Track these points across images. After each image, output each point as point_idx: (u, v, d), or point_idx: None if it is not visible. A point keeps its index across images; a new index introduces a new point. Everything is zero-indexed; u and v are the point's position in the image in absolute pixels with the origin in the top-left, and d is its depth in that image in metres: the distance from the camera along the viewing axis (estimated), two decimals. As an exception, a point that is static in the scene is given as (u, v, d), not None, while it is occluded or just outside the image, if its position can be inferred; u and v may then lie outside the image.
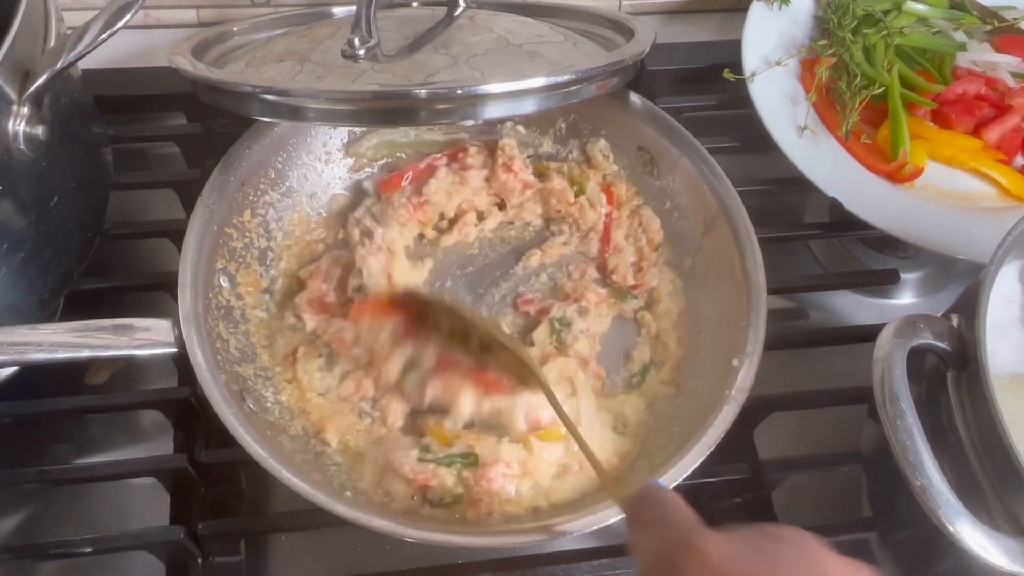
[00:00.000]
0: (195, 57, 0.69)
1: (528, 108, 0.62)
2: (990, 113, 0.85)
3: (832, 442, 0.70)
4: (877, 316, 0.78)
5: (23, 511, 0.66)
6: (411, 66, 0.65)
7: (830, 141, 0.82)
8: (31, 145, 0.58)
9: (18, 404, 0.65)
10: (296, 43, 0.71)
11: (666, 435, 0.64)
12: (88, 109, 0.71)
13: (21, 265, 0.61)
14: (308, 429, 0.65)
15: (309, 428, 0.65)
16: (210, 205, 0.68)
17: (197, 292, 0.64)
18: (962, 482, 0.53)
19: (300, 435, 0.64)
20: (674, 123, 0.76)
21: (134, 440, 0.69)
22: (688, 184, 0.74)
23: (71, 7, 0.84)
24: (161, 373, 0.71)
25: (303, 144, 0.76)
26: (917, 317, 0.56)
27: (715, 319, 0.69)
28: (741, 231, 0.69)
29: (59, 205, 0.63)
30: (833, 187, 0.77)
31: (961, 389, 0.55)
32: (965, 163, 0.83)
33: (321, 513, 0.55)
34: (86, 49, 0.58)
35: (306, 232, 0.75)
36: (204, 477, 0.64)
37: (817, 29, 0.90)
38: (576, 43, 0.74)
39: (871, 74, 0.83)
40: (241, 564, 0.62)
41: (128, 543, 0.61)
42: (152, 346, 0.60)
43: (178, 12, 0.91)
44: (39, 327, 0.59)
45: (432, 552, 0.62)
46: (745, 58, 0.82)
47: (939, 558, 0.59)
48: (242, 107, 0.63)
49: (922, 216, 0.78)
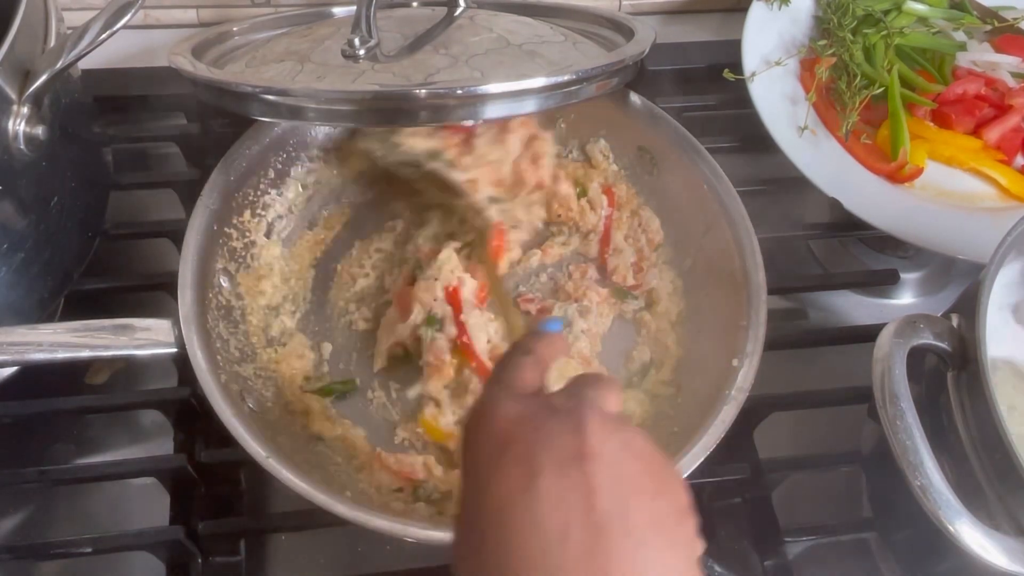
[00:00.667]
0: (195, 57, 0.69)
1: (528, 108, 0.62)
2: (990, 113, 0.85)
3: (832, 442, 0.70)
4: (877, 316, 0.78)
5: (23, 511, 0.66)
6: (411, 66, 0.65)
7: (830, 141, 0.82)
8: (31, 145, 0.58)
9: (18, 404, 0.65)
10: (296, 43, 0.71)
11: (666, 435, 0.64)
12: (88, 109, 0.71)
13: (21, 265, 0.61)
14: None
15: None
16: (210, 205, 0.68)
17: (197, 292, 0.64)
18: (962, 482, 0.53)
19: (300, 434, 0.64)
20: (674, 123, 0.76)
21: (134, 440, 0.69)
22: (688, 184, 0.74)
23: (71, 7, 0.84)
24: (161, 373, 0.71)
25: (303, 144, 0.76)
26: (917, 317, 0.56)
27: (715, 319, 0.69)
28: (741, 231, 0.69)
29: (59, 205, 0.63)
30: (833, 187, 0.77)
31: (961, 389, 0.55)
32: (965, 163, 0.83)
33: (321, 513, 0.55)
34: (86, 49, 0.58)
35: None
36: (204, 477, 0.64)
37: (817, 29, 0.90)
38: (576, 43, 0.74)
39: (871, 74, 0.83)
40: (241, 564, 0.62)
41: (128, 543, 0.61)
42: (152, 346, 0.60)
43: (178, 12, 0.91)
44: (39, 327, 0.59)
45: (432, 552, 0.61)
46: (745, 58, 0.82)
47: (939, 558, 0.59)
48: (242, 107, 0.63)
49: (922, 216, 0.78)
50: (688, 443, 0.59)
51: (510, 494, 0.35)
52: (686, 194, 0.75)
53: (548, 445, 0.36)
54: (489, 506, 0.35)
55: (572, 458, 0.35)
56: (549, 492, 0.35)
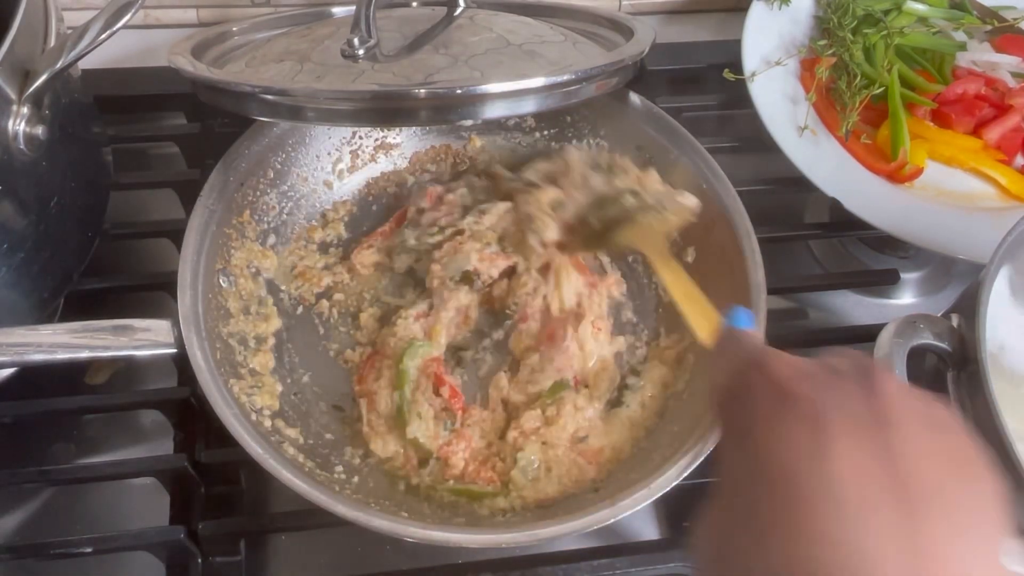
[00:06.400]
0: (195, 57, 0.69)
1: (528, 108, 0.62)
2: (990, 113, 0.85)
3: (832, 442, 0.70)
4: (877, 316, 0.78)
5: (23, 511, 0.66)
6: (411, 66, 0.65)
7: (830, 141, 0.82)
8: (31, 145, 0.58)
9: (18, 404, 0.65)
10: (296, 43, 0.71)
11: (666, 435, 0.64)
12: (88, 109, 0.71)
13: (21, 265, 0.61)
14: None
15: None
16: (210, 205, 0.68)
17: (197, 292, 0.64)
18: (962, 482, 0.53)
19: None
20: (674, 123, 0.76)
21: (134, 440, 0.69)
22: (688, 184, 0.74)
23: (71, 7, 0.84)
24: (161, 373, 0.71)
25: (303, 144, 0.76)
26: (917, 317, 0.56)
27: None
28: (741, 231, 0.69)
29: (59, 205, 0.63)
30: (833, 187, 0.77)
31: (961, 389, 0.55)
32: (965, 163, 0.83)
33: (321, 513, 0.55)
34: (86, 49, 0.58)
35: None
36: (204, 477, 0.63)
37: (817, 29, 0.90)
38: (576, 43, 0.74)
39: (871, 74, 0.83)
40: (241, 564, 0.62)
41: (128, 543, 0.61)
42: (152, 346, 0.60)
43: (178, 12, 0.91)
44: (39, 328, 0.59)
45: (432, 552, 0.62)
46: (745, 58, 0.82)
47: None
48: (242, 107, 0.63)
49: (922, 216, 0.78)
50: (688, 442, 0.59)
51: (796, 458, 0.30)
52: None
53: (840, 405, 0.31)
54: (768, 473, 0.31)
55: (872, 423, 0.31)
56: (847, 458, 0.30)
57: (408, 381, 0.65)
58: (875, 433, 0.30)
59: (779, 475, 0.31)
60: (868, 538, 0.28)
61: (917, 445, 0.30)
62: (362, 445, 0.65)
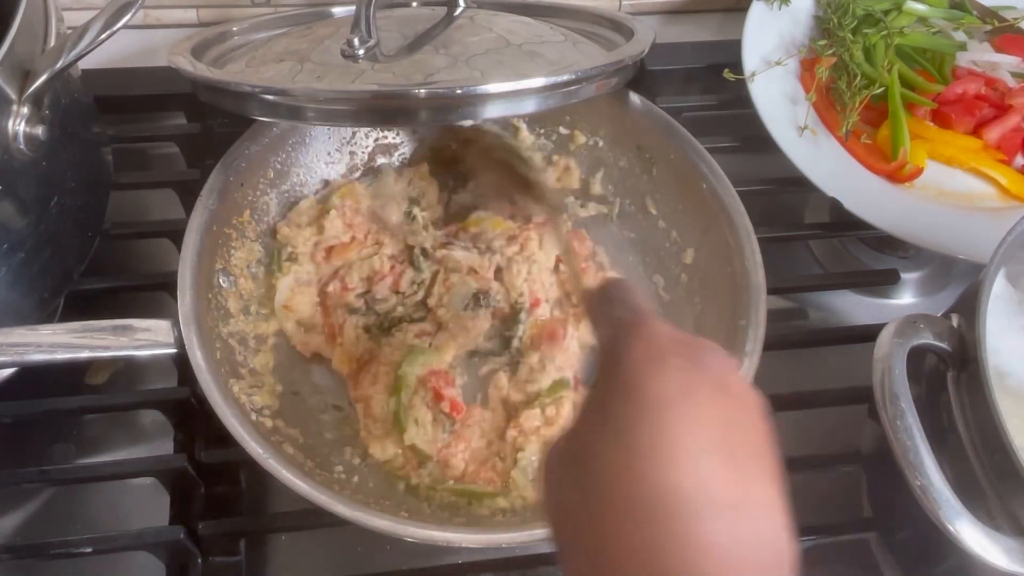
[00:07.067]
0: (195, 57, 0.69)
1: (528, 108, 0.62)
2: (990, 113, 0.85)
3: (832, 442, 0.70)
4: (877, 316, 0.78)
5: (23, 511, 0.66)
6: (411, 66, 0.65)
7: (830, 141, 0.82)
8: (31, 145, 0.58)
9: (18, 404, 0.65)
10: (296, 43, 0.71)
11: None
12: (88, 109, 0.71)
13: (21, 265, 0.61)
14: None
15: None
16: (209, 205, 0.68)
17: (197, 292, 0.64)
18: (962, 482, 0.53)
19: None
20: (674, 123, 0.75)
21: (134, 440, 0.69)
22: (687, 184, 0.74)
23: (71, 7, 0.83)
24: (161, 373, 0.71)
25: (303, 144, 0.76)
26: (917, 317, 0.56)
27: (715, 319, 0.69)
28: (741, 231, 0.69)
29: (59, 205, 0.63)
30: (833, 187, 0.77)
31: (961, 389, 0.55)
32: (965, 163, 0.83)
33: (321, 513, 0.55)
34: (86, 49, 0.58)
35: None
36: (204, 477, 0.64)
37: (817, 29, 0.90)
38: (576, 43, 0.74)
39: (871, 74, 0.83)
40: (241, 564, 0.62)
41: (128, 543, 0.61)
42: (152, 346, 0.60)
43: (178, 12, 0.91)
44: (39, 328, 0.59)
45: (432, 552, 0.62)
46: (745, 58, 0.82)
47: (939, 558, 0.59)
48: (242, 107, 0.63)
49: (922, 216, 0.78)
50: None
51: (672, 394, 0.36)
52: (685, 194, 0.75)
53: (704, 368, 0.38)
54: (647, 400, 0.36)
55: (721, 387, 0.38)
56: (708, 404, 0.37)
57: (406, 387, 0.65)
58: (724, 395, 0.38)
59: (655, 401, 0.36)
60: (730, 450, 0.36)
61: (744, 417, 0.38)
62: (361, 445, 0.65)
